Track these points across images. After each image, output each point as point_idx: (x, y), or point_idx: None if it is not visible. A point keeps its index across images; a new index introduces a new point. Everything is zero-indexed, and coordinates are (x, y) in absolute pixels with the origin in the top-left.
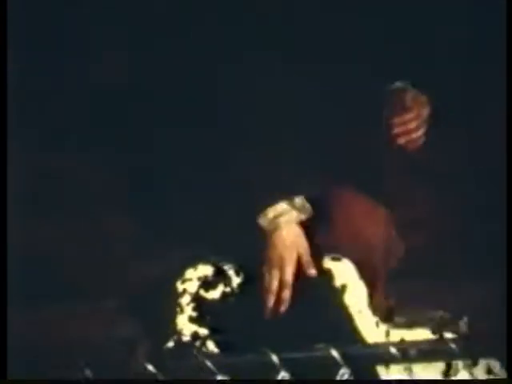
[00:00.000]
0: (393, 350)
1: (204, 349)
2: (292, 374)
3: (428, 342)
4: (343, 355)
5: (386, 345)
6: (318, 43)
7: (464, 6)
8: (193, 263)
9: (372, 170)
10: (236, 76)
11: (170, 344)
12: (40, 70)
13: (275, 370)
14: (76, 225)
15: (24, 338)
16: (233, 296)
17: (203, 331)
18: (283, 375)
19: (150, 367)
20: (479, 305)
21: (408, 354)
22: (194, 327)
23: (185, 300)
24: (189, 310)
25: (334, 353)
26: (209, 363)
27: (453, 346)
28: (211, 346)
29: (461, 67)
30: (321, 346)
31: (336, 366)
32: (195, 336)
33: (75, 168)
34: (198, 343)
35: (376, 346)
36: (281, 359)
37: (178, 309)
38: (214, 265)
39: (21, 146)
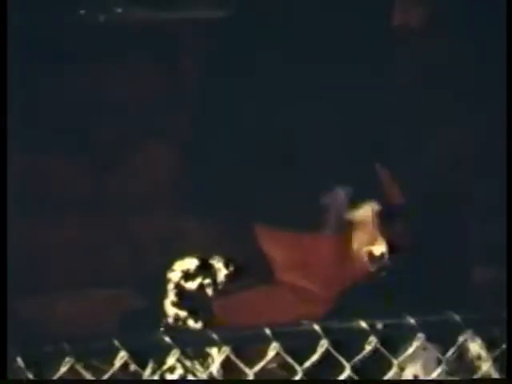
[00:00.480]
0: (363, 324)
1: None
2: (281, 343)
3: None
4: (323, 328)
5: (359, 319)
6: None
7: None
8: (180, 257)
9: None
10: None
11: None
12: (41, 70)
13: (268, 340)
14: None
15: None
16: (214, 286)
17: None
18: (274, 345)
19: (167, 339)
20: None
21: (377, 328)
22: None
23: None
24: (172, 296)
25: (316, 326)
26: (215, 335)
27: (412, 321)
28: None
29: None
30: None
31: (319, 338)
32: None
33: (75, 168)
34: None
35: (352, 320)
36: (273, 332)
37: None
38: (199, 259)
39: (21, 146)
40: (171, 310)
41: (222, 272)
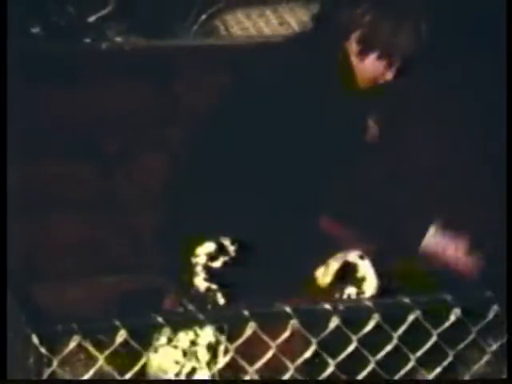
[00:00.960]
0: (327, 305)
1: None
2: (258, 323)
3: (353, 300)
4: (294, 309)
5: (325, 301)
6: None
7: None
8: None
9: None
10: None
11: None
12: (49, 89)
13: (246, 320)
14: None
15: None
16: (232, 261)
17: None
18: (251, 324)
19: (160, 319)
20: None
21: (338, 309)
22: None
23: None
24: (202, 275)
25: (287, 308)
26: (200, 315)
27: (369, 304)
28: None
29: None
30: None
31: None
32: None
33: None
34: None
35: (318, 302)
36: (251, 313)
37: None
38: (214, 242)
39: (20, 148)
40: (203, 285)
41: (231, 248)
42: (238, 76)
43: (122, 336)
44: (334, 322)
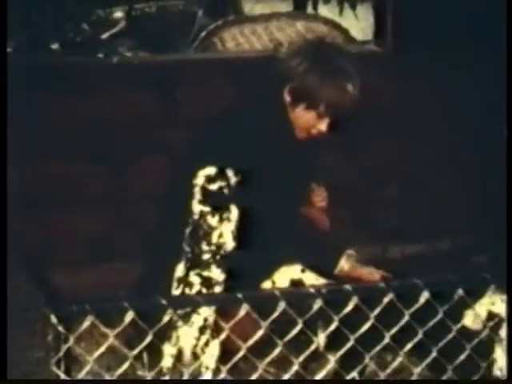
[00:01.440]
0: (311, 290)
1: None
2: (251, 306)
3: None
4: (282, 293)
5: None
6: None
7: None
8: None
9: None
10: None
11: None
12: (67, 97)
13: (240, 303)
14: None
15: None
16: (229, 189)
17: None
18: (245, 306)
19: (164, 301)
20: None
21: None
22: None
23: (196, 190)
24: (198, 196)
25: (277, 292)
26: (200, 298)
27: (348, 288)
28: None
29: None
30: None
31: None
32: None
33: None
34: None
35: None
36: (244, 296)
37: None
38: (217, 167)
39: (21, 148)
40: (197, 208)
41: (233, 179)
42: (231, 85)
43: (130, 317)
44: (318, 303)
